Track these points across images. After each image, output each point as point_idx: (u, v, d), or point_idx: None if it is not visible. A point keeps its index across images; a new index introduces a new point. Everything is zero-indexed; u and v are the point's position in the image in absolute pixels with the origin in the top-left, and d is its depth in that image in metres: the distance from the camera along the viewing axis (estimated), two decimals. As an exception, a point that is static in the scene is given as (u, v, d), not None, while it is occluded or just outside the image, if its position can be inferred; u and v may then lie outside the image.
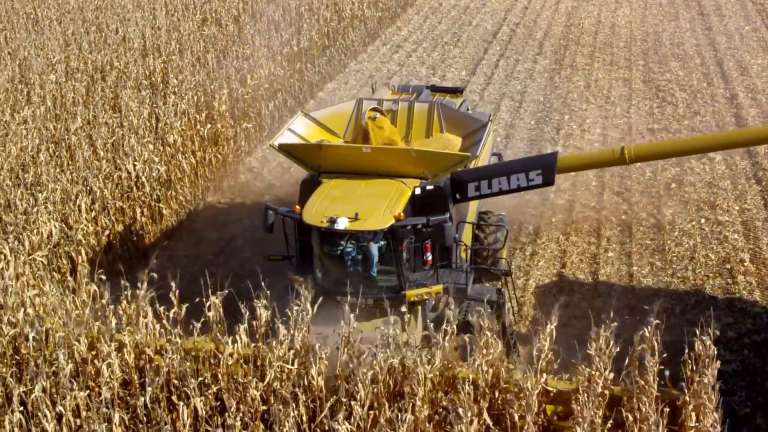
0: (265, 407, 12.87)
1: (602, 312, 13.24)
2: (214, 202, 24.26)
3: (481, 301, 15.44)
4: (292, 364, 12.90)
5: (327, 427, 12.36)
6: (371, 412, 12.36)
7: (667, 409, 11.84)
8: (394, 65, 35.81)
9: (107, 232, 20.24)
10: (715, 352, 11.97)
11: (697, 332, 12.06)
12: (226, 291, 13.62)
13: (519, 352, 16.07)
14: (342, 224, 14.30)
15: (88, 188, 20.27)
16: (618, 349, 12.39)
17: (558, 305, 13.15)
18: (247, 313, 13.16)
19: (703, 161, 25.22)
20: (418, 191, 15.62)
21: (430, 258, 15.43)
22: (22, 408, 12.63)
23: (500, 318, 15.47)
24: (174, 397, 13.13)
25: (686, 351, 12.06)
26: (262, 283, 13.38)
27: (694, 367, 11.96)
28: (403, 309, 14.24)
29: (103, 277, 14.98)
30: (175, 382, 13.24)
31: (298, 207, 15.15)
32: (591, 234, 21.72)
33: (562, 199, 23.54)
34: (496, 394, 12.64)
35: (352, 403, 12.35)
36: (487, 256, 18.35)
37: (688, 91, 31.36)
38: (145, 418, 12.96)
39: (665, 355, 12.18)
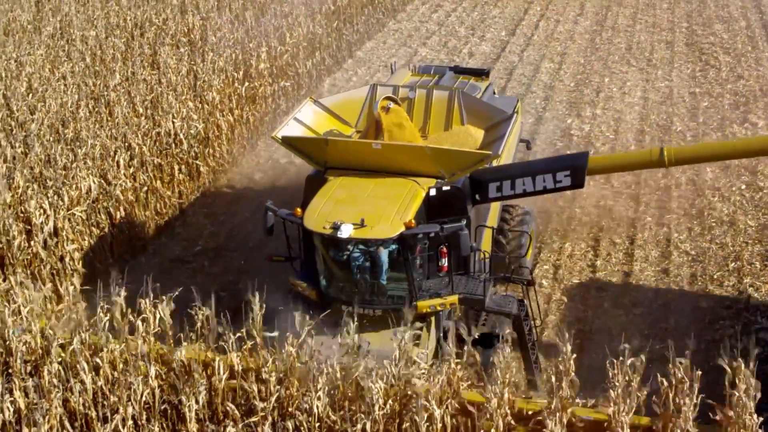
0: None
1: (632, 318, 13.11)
2: (251, 161, 24.33)
3: (501, 313, 14.52)
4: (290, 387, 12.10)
5: None
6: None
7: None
8: (433, 25, 35.52)
9: (145, 188, 20.40)
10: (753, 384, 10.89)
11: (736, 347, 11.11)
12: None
13: (540, 367, 15.19)
14: (346, 232, 12.96)
15: (127, 144, 20.40)
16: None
17: (574, 331, 12.50)
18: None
19: (746, 125, 24.89)
20: (433, 192, 14.17)
21: (445, 264, 14.01)
22: (60, 359, 12.80)
23: (521, 332, 14.64)
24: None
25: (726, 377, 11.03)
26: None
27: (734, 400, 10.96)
28: (416, 324, 13.01)
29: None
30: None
31: (299, 210, 13.81)
32: (630, 199, 21.50)
33: (601, 162, 23.30)
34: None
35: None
36: (508, 264, 16.77)
37: (732, 55, 30.82)
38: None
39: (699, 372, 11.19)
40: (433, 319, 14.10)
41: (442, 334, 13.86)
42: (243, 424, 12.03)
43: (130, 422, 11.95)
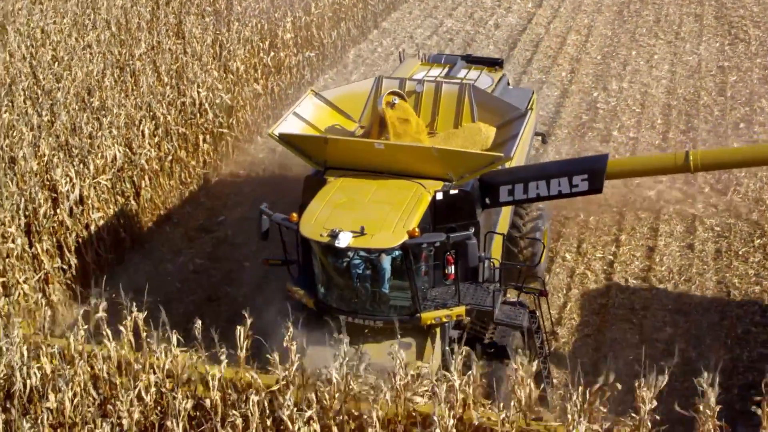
0: None
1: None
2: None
3: (511, 326, 13.70)
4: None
5: None
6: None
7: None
8: (459, -4, 35.23)
9: (170, 157, 20.46)
10: None
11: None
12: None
13: (552, 382, 14.58)
14: (344, 241, 12.07)
15: (152, 114, 20.45)
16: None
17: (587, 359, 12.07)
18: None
19: (775, 100, 24.60)
20: (439, 196, 13.25)
21: (452, 272, 13.03)
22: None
23: (531, 346, 13.92)
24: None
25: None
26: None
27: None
28: (406, 339, 12.62)
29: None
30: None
31: (294, 215, 12.98)
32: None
33: (625, 136, 23.16)
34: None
35: None
36: (519, 273, 15.48)
37: (762, 28, 30.36)
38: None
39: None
40: (438, 330, 13.42)
41: (447, 347, 13.15)
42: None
43: (153, 389, 12.01)
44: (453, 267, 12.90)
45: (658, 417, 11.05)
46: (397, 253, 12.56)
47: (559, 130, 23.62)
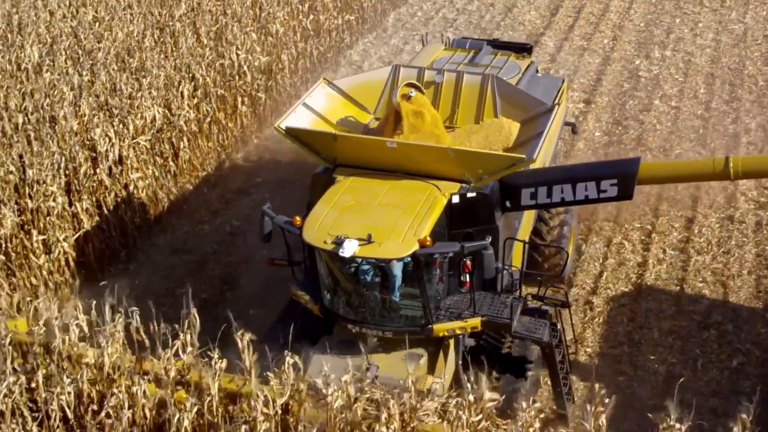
0: None
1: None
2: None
3: (530, 339, 12.77)
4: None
5: None
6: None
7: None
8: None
9: (208, 119, 20.53)
10: None
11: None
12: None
13: (573, 398, 13.67)
14: (349, 249, 11.24)
15: (191, 75, 20.50)
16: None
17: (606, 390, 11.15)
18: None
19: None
20: (456, 199, 12.37)
21: (468, 280, 12.16)
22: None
23: (552, 361, 12.99)
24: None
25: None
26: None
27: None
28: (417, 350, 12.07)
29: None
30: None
31: (298, 218, 12.09)
32: (697, 141, 21.07)
33: (667, 105, 22.85)
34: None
35: None
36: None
37: (812, -4, 29.71)
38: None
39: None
40: (451, 341, 12.68)
41: (461, 361, 12.63)
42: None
43: (190, 348, 12.05)
44: (469, 274, 12.02)
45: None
46: (409, 258, 11.77)
47: (599, 98, 23.35)
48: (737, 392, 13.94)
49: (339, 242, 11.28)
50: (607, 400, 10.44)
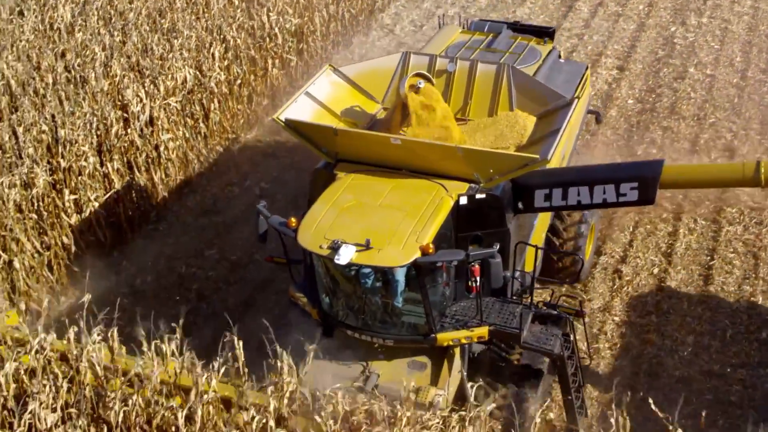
0: None
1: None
2: (345, 57, 24.19)
3: (541, 352, 12.03)
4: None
5: None
6: None
7: None
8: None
9: (239, 81, 20.51)
10: None
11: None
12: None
13: (586, 411, 12.97)
14: (345, 256, 10.53)
15: (222, 37, 20.46)
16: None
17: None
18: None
19: None
20: (463, 201, 11.64)
21: (477, 284, 11.23)
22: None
23: (563, 374, 12.22)
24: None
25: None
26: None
27: None
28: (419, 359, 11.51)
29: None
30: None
31: (293, 219, 11.38)
32: (731, 111, 20.77)
33: (702, 73, 22.51)
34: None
35: None
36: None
37: None
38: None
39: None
40: (457, 349, 11.92)
41: (467, 370, 11.96)
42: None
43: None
44: (477, 279, 11.11)
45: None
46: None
47: (633, 65, 23.05)
48: (766, 364, 13.90)
49: (335, 247, 10.60)
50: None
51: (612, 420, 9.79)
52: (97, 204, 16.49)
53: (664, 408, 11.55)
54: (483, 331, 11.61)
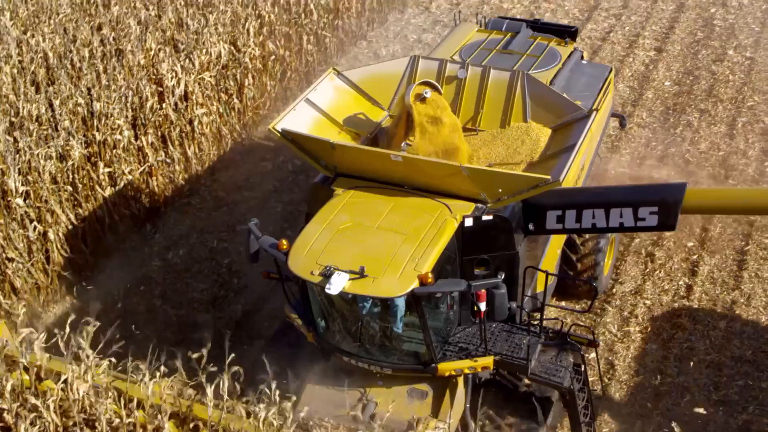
0: None
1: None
2: (380, 35, 24.11)
3: (549, 385, 11.26)
4: None
5: None
6: None
7: None
8: None
9: (273, 57, 20.51)
10: None
11: None
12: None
13: None
14: (337, 285, 9.76)
15: (257, 12, 20.44)
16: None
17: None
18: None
19: None
20: (469, 222, 10.85)
21: (483, 309, 10.31)
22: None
23: (573, 409, 11.51)
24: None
25: None
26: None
27: None
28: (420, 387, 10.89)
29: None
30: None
31: (284, 242, 10.61)
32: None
33: (741, 56, 22.20)
34: None
35: None
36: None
37: None
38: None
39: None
40: (460, 377, 11.20)
41: (470, 400, 11.30)
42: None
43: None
44: (483, 304, 10.27)
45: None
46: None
47: (671, 46, 22.78)
48: (799, 350, 13.79)
49: (327, 274, 9.87)
50: None
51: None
52: (131, 177, 16.62)
53: (693, 392, 11.53)
54: (488, 361, 10.95)
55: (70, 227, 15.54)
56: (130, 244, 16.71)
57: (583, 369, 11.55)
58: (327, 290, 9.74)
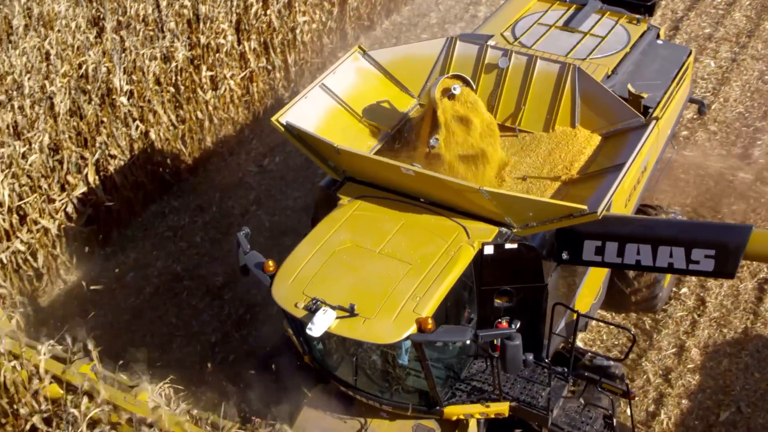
0: None
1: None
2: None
3: None
4: None
5: None
6: None
7: None
8: None
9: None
10: None
11: None
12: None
13: None
14: (320, 326, 8.28)
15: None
16: None
17: None
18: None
19: None
20: (489, 250, 9.23)
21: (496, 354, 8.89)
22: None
23: None
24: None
25: None
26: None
27: None
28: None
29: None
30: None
31: (271, 263, 9.15)
32: None
33: None
34: None
35: None
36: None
37: None
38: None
39: None
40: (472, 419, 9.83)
41: None
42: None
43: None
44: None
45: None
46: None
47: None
48: None
49: (313, 309, 8.43)
50: None
51: None
52: (232, 82, 16.80)
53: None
54: (503, 407, 9.59)
55: (171, 128, 15.86)
56: (228, 149, 16.98)
57: (614, 423, 10.06)
58: (308, 331, 8.27)
